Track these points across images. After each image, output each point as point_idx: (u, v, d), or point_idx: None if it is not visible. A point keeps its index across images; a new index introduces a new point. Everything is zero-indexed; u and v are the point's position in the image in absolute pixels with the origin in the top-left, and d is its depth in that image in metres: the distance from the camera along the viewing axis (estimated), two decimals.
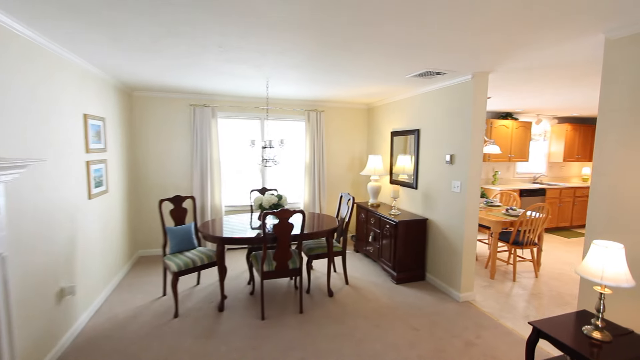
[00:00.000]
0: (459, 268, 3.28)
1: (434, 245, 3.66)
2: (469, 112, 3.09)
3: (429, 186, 3.73)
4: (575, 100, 4.57)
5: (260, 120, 4.82)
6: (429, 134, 3.72)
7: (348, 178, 5.36)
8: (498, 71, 2.93)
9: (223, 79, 3.44)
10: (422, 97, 3.81)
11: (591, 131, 6.77)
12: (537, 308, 3.16)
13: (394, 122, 4.50)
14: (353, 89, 3.92)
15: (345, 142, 5.29)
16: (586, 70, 2.84)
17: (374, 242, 4.16)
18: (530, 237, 3.83)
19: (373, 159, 4.44)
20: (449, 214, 3.39)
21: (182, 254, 3.15)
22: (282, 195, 3.35)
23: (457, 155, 3.27)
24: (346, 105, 5.20)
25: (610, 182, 1.96)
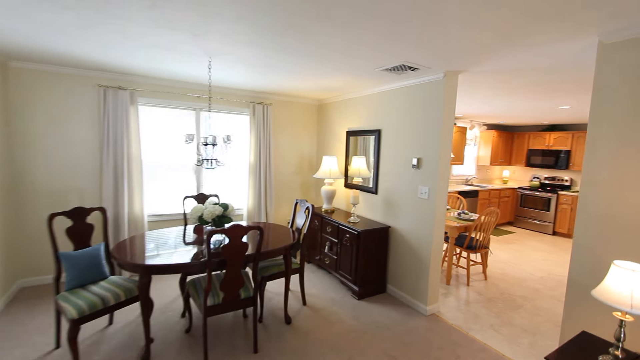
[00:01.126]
0: (425, 280, 3.07)
1: (396, 255, 3.42)
2: (439, 113, 2.89)
3: (391, 191, 3.47)
4: (518, 109, 4.85)
5: (195, 111, 4.00)
6: (391, 135, 3.45)
7: (297, 180, 4.87)
8: (470, 72, 2.77)
9: (148, 54, 2.63)
10: (384, 94, 3.53)
11: (511, 138, 7.50)
12: (498, 314, 3.14)
13: (350, 120, 4.16)
14: (311, 80, 3.44)
15: (294, 141, 4.78)
16: (563, 77, 2.84)
17: (330, 253, 3.76)
18: (481, 241, 3.87)
19: (328, 161, 4.04)
20: (415, 222, 3.17)
21: (85, 289, 2.28)
22: (228, 205, 2.70)
23: (424, 159, 3.05)
24: (296, 100, 4.69)
25: (601, 192, 1.86)
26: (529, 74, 2.74)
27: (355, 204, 3.61)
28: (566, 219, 6.33)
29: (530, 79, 2.92)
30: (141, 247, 2.48)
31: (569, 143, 6.57)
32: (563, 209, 6.39)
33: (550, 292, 3.73)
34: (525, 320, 3.06)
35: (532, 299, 3.51)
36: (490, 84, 3.20)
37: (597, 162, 1.88)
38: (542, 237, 6.32)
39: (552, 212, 6.52)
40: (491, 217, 3.82)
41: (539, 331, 2.86)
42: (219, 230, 2.06)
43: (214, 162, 2.78)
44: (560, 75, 2.74)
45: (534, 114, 5.42)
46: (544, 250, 5.43)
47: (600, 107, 1.86)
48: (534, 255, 5.08)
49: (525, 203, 7.02)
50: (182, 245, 2.59)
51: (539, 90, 3.39)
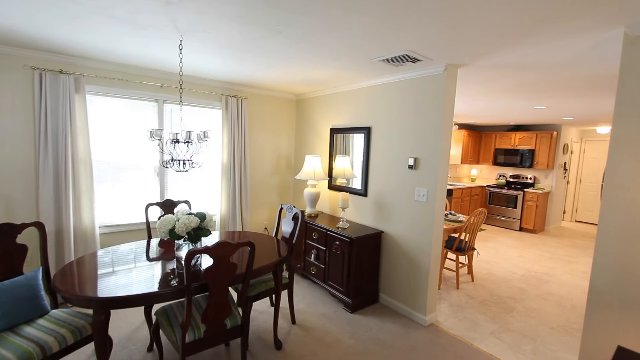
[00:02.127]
0: (424, 289, 2.87)
1: (389, 262, 3.19)
2: (439, 110, 2.68)
3: (383, 194, 3.22)
4: (495, 109, 4.87)
5: (157, 102, 3.43)
6: (383, 133, 3.20)
7: (274, 182, 4.47)
8: (472, 66, 2.60)
9: (98, 28, 2.10)
10: (376, 89, 3.27)
11: (480, 137, 7.72)
12: (494, 319, 3.03)
13: (335, 117, 3.85)
14: (296, 71, 3.08)
15: (271, 138, 4.37)
16: (566, 75, 2.75)
17: (317, 262, 3.43)
18: (469, 242, 3.79)
19: (311, 161, 3.70)
20: (412, 227, 2.95)
21: (17, 332, 1.72)
22: (206, 214, 2.26)
23: (422, 159, 2.84)
24: (272, 94, 4.28)
25: (626, 196, 1.75)
26: (531, 70, 2.63)
27: (344, 208, 3.32)
28: (532, 215, 6.61)
29: (528, 76, 2.82)
30: (93, 271, 1.96)
31: (533, 143, 6.87)
32: (529, 205, 6.66)
33: (535, 290, 3.74)
34: (522, 324, 2.98)
35: (521, 300, 3.48)
36: (484, 81, 3.08)
37: (622, 164, 1.76)
38: (511, 233, 6.53)
39: (519, 209, 6.78)
40: (479, 217, 3.75)
41: (538, 336, 2.79)
42: (203, 251, 1.64)
43: (186, 163, 2.32)
44: (564, 72, 2.66)
45: (507, 114, 5.54)
46: (517, 246, 5.58)
47: (625, 104, 1.74)
48: (509, 253, 5.17)
49: (493, 200, 7.24)
50: (148, 264, 2.11)
51: (530, 89, 3.34)
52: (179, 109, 3.59)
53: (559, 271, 4.44)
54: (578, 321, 3.07)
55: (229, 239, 2.68)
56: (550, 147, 6.64)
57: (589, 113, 4.93)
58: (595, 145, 7.65)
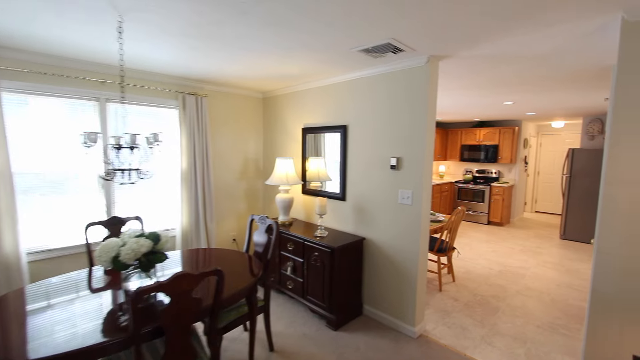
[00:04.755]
0: (411, 298, 2.67)
1: (372, 271, 2.96)
2: (422, 105, 2.49)
3: (364, 197, 2.99)
4: (465, 105, 4.84)
5: (98, 102, 2.91)
6: (361, 131, 2.97)
7: (241, 188, 4.07)
8: (455, 57, 2.43)
9: (11, 5, 1.62)
10: (351, 84, 3.02)
11: (446, 134, 7.82)
12: (482, 322, 2.92)
13: (306, 115, 3.56)
14: (264, 64, 2.73)
15: (236, 140, 3.97)
16: (552, 66, 2.67)
17: (295, 275, 3.11)
18: (449, 242, 3.69)
19: (283, 164, 3.38)
20: (396, 231, 2.74)
21: None
22: (160, 235, 1.86)
23: (405, 158, 2.64)
24: (236, 91, 3.89)
25: (629, 192, 1.64)
26: (512, 62, 2.52)
27: (322, 215, 3.03)
28: (498, 208, 6.79)
29: (508, 70, 2.72)
30: (19, 317, 1.50)
31: (497, 138, 7.06)
32: (495, 199, 6.84)
33: (514, 286, 3.72)
34: (509, 325, 2.89)
35: (503, 298, 3.42)
36: (463, 75, 2.95)
37: (622, 157, 1.65)
38: (480, 227, 6.66)
39: (486, 203, 6.94)
40: (459, 216, 3.66)
41: (527, 337, 2.70)
42: (155, 289, 1.26)
43: (133, 173, 1.89)
44: (551, 64, 2.56)
45: (473, 111, 5.59)
46: (488, 240, 5.65)
47: (625, 94, 1.63)
48: (482, 248, 5.21)
49: (461, 196, 7.37)
50: (88, 295, 1.67)
51: (506, 83, 3.28)
52: (126, 108, 3.09)
53: (532, 264, 4.50)
54: (561, 316, 3.05)
55: (192, 260, 2.29)
56: (513, 142, 6.86)
57: (550, 107, 5.09)
58: (551, 139, 8.08)
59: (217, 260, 2.32)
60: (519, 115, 6.15)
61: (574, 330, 2.81)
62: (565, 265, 4.48)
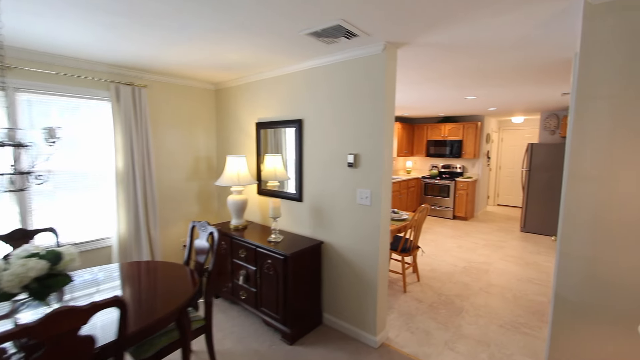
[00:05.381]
0: (372, 305, 2.48)
1: (332, 277, 2.74)
2: (380, 97, 2.29)
3: (322, 198, 2.76)
4: (429, 100, 4.74)
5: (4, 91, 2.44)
6: (317, 126, 2.72)
7: (192, 189, 3.70)
8: (413, 45, 2.24)
9: None
10: (306, 75, 2.76)
11: (412, 130, 7.80)
12: (445, 325, 2.80)
13: (261, 109, 3.26)
14: (205, 50, 2.40)
15: (185, 137, 3.59)
16: (513, 57, 2.56)
17: (247, 285, 2.83)
18: (413, 241, 3.56)
19: (234, 162, 3.06)
20: (355, 234, 2.54)
21: None
22: (62, 253, 1.51)
23: (363, 155, 2.43)
24: (183, 82, 3.50)
25: (592, 189, 1.52)
26: (472, 53, 2.38)
27: (276, 218, 2.76)
28: (463, 203, 6.86)
29: (468, 61, 2.59)
30: None
31: (461, 133, 7.13)
32: (460, 194, 6.91)
33: (477, 283, 3.67)
34: (473, 326, 2.80)
35: (467, 297, 3.35)
36: (423, 65, 2.78)
37: (586, 152, 1.53)
38: (446, 222, 6.70)
39: (452, 198, 7.00)
40: (423, 214, 3.53)
41: (491, 339, 2.61)
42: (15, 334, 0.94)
43: (25, 178, 1.52)
44: (512, 55, 2.45)
45: (437, 106, 5.54)
46: (453, 236, 5.66)
47: (587, 84, 1.50)
48: (448, 243, 5.19)
49: (428, 191, 7.39)
50: None
51: (467, 75, 3.16)
52: (31, 99, 2.62)
53: (495, 258, 4.52)
54: (522, 314, 3.00)
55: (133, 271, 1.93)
56: (476, 137, 6.95)
57: (510, 103, 5.14)
58: (511, 134, 8.31)
59: (145, 276, 1.98)
60: (482, 110, 6.21)
61: (535, 329, 2.77)
62: (525, 259, 4.54)
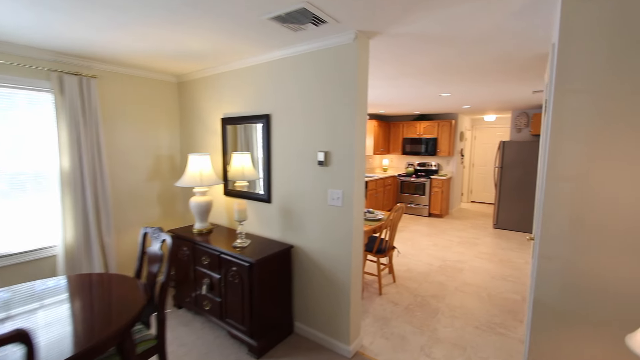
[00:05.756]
0: (345, 312, 2.33)
1: (303, 283, 2.57)
2: (351, 90, 2.13)
3: (291, 198, 2.57)
4: (404, 97, 4.66)
5: None
6: (286, 121, 2.53)
7: (154, 190, 3.40)
8: (385, 35, 2.10)
9: None
10: (274, 66, 2.56)
11: (388, 127, 7.76)
12: (421, 328, 2.71)
13: (226, 103, 3.02)
14: (160, 35, 2.15)
15: (145, 134, 3.29)
16: (489, 50, 2.47)
17: (211, 294, 2.60)
18: (389, 241, 3.45)
19: (196, 161, 2.82)
20: (327, 238, 2.37)
21: None
22: None
23: (334, 152, 2.27)
24: (142, 74, 3.19)
25: (573, 189, 1.44)
26: (447, 45, 2.27)
27: (242, 221, 2.55)
28: (438, 200, 6.90)
29: (443, 54, 2.48)
30: None
31: (436, 131, 7.16)
32: (435, 192, 6.94)
33: (453, 283, 3.63)
34: (449, 329, 2.72)
35: (443, 297, 3.28)
36: (397, 58, 2.66)
37: (566, 150, 1.44)
38: (421, 220, 6.70)
39: (427, 196, 7.02)
40: (398, 213, 3.43)
41: (467, 342, 2.54)
42: None
43: None
44: (485, 48, 2.37)
45: (413, 103, 5.49)
46: (429, 234, 5.65)
47: (568, 77, 1.41)
48: (423, 242, 5.16)
49: (404, 189, 7.38)
50: None
51: (442, 70, 3.08)
52: None
53: (469, 256, 4.52)
54: (498, 314, 2.97)
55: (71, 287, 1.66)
56: (450, 135, 7.00)
57: (483, 101, 5.17)
58: (484, 132, 8.47)
59: (82, 293, 1.72)
60: (456, 108, 6.24)
61: (510, 329, 2.73)
62: (499, 255, 4.57)
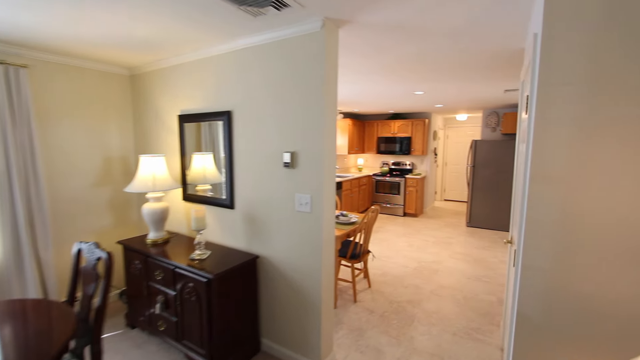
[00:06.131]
0: (315, 328, 2.13)
1: (271, 296, 2.34)
2: (319, 84, 1.92)
3: (256, 204, 2.33)
4: (376, 95, 4.52)
5: None
6: (249, 118, 2.29)
7: (102, 197, 3.03)
8: (354, 24, 1.91)
9: None
10: (234, 57, 2.30)
11: (363, 126, 7.65)
12: (398, 339, 2.56)
13: (184, 99, 2.72)
14: (99, 14, 1.83)
15: (92, 133, 2.91)
16: (463, 45, 2.34)
17: (167, 313, 2.32)
18: (364, 245, 3.29)
19: (148, 163, 2.51)
20: (295, 247, 2.16)
21: None
22: None
23: (301, 153, 2.05)
24: (87, 64, 2.81)
25: (558, 192, 1.31)
26: (424, 37, 2.12)
27: (200, 230, 2.28)
28: (413, 200, 6.88)
29: (415, 47, 2.34)
30: None
31: (410, 130, 7.13)
32: (410, 191, 6.91)
33: (428, 286, 3.53)
34: (425, 337, 2.59)
35: (419, 302, 3.17)
36: (368, 50, 2.49)
37: (550, 149, 1.32)
38: (397, 220, 6.65)
39: (402, 195, 6.98)
40: (373, 215, 3.28)
41: (445, 351, 2.42)
42: None
43: None
44: (460, 43, 2.24)
45: (388, 101, 5.39)
46: (404, 234, 5.58)
47: (554, 68, 1.28)
48: (399, 243, 5.07)
49: (379, 188, 7.30)
50: None
51: (414, 65, 2.94)
52: None
53: (444, 256, 4.47)
54: (474, 318, 2.88)
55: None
56: (424, 134, 7.00)
57: (456, 99, 5.15)
58: (456, 131, 8.58)
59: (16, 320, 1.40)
60: (429, 107, 6.22)
61: (487, 334, 2.65)
62: (473, 255, 4.55)
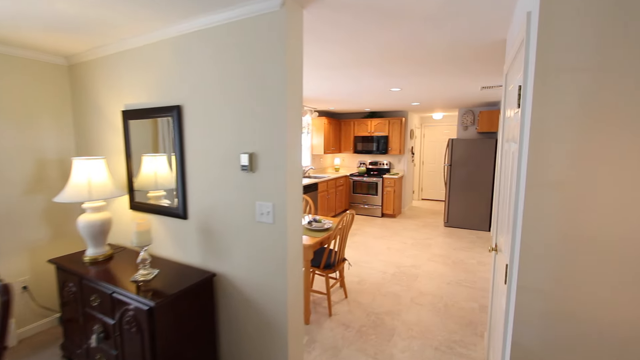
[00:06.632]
0: (282, 350, 1.85)
1: (231, 320, 2.03)
2: (279, 73, 1.64)
3: (212, 214, 2.01)
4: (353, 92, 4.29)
5: None
6: (202, 114, 1.96)
7: (36, 207, 2.59)
8: (322, 4, 1.64)
9: None
10: (183, 41, 1.97)
11: (339, 125, 7.43)
12: (376, 357, 2.32)
13: (128, 92, 2.34)
14: None
15: (20, 133, 2.46)
16: (440, 35, 2.11)
17: (105, 345, 1.95)
18: (339, 252, 3.04)
19: (83, 167, 2.12)
20: (257, 263, 1.86)
21: None
22: None
23: (261, 154, 1.76)
24: (13, 52, 2.37)
25: (563, 198, 1.10)
26: (401, 22, 1.88)
27: (144, 247, 1.93)
28: (391, 200, 6.73)
29: (396, 34, 2.10)
30: None
31: (387, 129, 6.98)
32: (388, 191, 6.75)
33: (408, 293, 3.33)
34: (405, 354, 2.37)
35: (398, 313, 2.96)
36: (344, 39, 2.23)
37: (550, 150, 1.10)
38: (374, 221, 6.47)
39: (380, 196, 6.81)
40: (348, 220, 3.03)
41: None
42: None
43: None
44: (440, 29, 2.02)
45: (363, 99, 5.18)
46: (382, 236, 5.39)
47: (555, 49, 1.07)
48: (377, 246, 4.87)
49: (356, 189, 7.10)
50: None
51: (394, 56, 2.72)
52: None
53: (423, 259, 4.31)
54: (456, 329, 2.70)
55: None
56: (401, 133, 6.87)
57: (432, 97, 5.01)
58: (432, 130, 8.54)
59: None
60: (406, 106, 6.08)
61: (470, 346, 2.46)
62: (452, 257, 4.42)
